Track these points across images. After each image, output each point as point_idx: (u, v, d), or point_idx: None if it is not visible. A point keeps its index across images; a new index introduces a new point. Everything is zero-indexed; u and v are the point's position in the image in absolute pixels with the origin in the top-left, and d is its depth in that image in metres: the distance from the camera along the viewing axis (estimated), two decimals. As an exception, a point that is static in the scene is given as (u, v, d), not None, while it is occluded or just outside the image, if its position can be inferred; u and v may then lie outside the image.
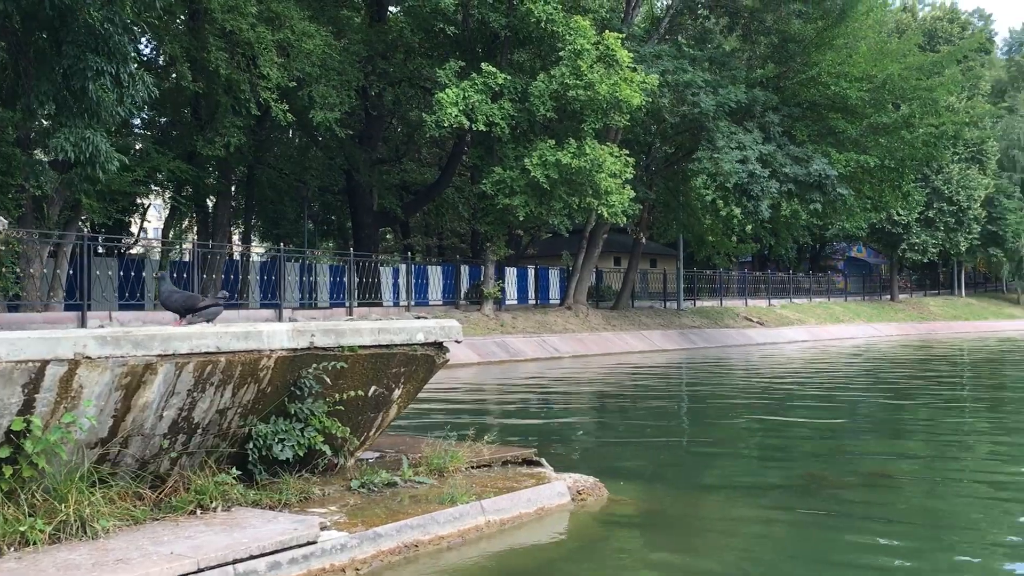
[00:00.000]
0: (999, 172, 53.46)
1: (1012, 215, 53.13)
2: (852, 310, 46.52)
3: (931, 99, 26.64)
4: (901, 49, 28.12)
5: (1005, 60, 66.19)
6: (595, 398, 14.71)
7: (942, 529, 5.46)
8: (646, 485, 6.56)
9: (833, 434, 9.86)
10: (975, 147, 48.51)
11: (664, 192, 32.77)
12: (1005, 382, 18.15)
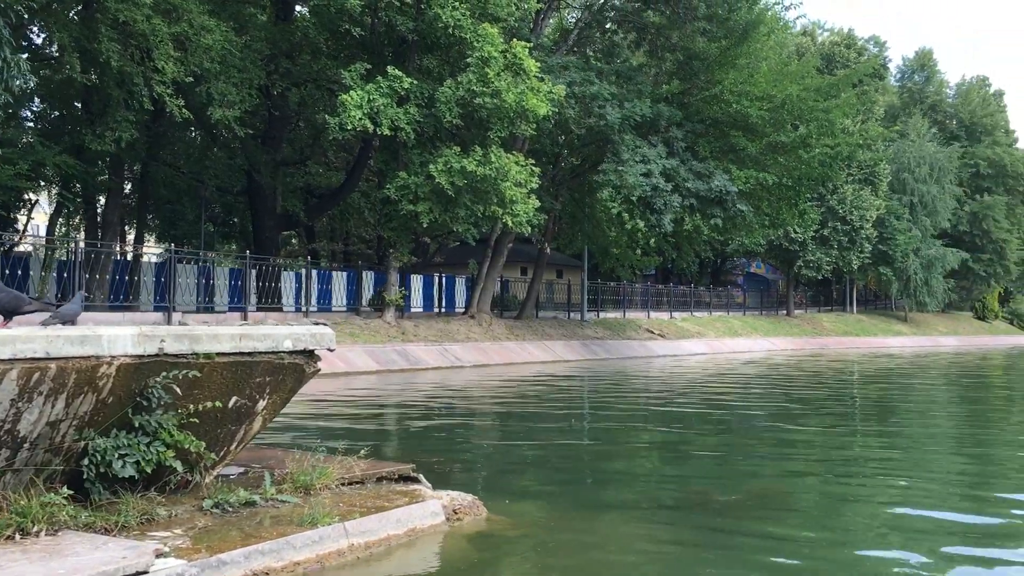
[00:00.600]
0: (890, 194, 55.57)
1: (901, 236, 55.29)
2: (750, 324, 47.63)
3: (827, 120, 27.43)
4: (800, 71, 28.91)
5: (898, 87, 69.05)
6: (489, 410, 14.45)
7: (834, 547, 5.38)
8: (530, 503, 6.31)
9: (727, 449, 9.83)
10: (868, 169, 50.35)
11: (570, 203, 32.89)
12: (892, 396, 18.66)
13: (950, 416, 14.76)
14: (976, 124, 68.92)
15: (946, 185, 60.96)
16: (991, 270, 67.24)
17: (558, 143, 30.36)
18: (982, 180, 68.31)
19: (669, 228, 27.36)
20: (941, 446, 10.76)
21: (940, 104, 68.96)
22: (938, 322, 65.52)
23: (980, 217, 65.87)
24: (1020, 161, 70.63)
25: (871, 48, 54.64)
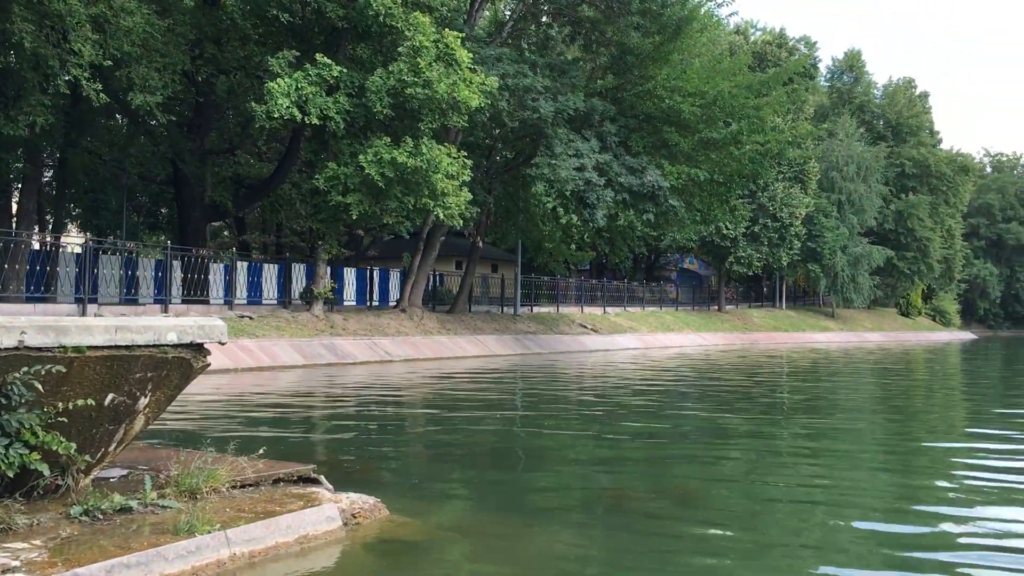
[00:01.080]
0: (819, 192, 56.63)
1: (829, 233, 56.40)
2: (682, 319, 48.06)
3: (758, 117, 27.70)
4: (732, 68, 29.12)
5: (828, 87, 70.43)
6: (411, 406, 14.11)
7: (757, 548, 5.24)
8: (441, 505, 6.03)
9: (653, 447, 9.70)
10: (798, 167, 51.21)
11: (504, 197, 32.66)
12: (819, 390, 18.86)
13: (874, 410, 14.92)
14: (902, 125, 70.69)
15: (873, 184, 62.38)
16: (915, 268, 69.06)
17: (492, 136, 30.09)
18: (907, 180, 70.09)
19: (602, 223, 27.33)
20: (864, 442, 10.80)
21: (868, 104, 70.54)
22: (864, 318, 67.06)
23: (905, 216, 67.58)
24: (943, 162, 72.66)
25: (802, 48, 55.53)
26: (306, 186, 30.48)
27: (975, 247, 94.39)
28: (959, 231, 78.61)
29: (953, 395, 18.78)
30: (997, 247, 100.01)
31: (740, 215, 32.75)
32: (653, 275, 64.59)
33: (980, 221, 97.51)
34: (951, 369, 29.11)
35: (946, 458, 9.30)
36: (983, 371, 28.41)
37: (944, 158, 73.60)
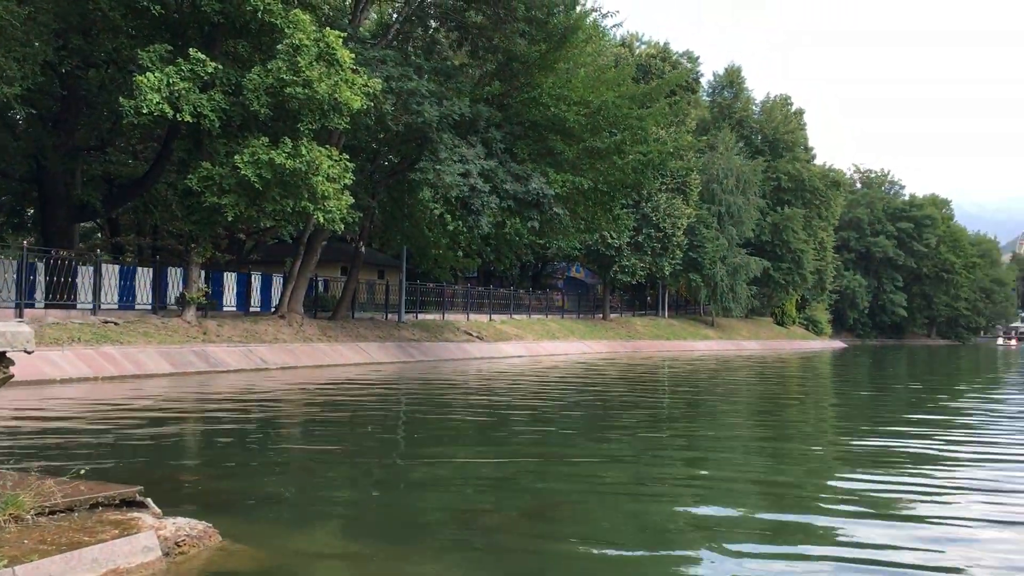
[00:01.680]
0: (700, 203, 58.11)
1: (710, 244, 57.94)
2: (567, 327, 48.42)
3: (641, 128, 28.08)
4: (616, 78, 29.46)
5: (709, 101, 72.47)
6: (277, 417, 13.49)
7: (628, 564, 5.06)
8: (281, 528, 5.58)
9: (524, 457, 9.50)
10: (680, 179, 52.41)
11: (389, 202, 32.14)
12: (696, 398, 19.12)
13: (749, 417, 15.17)
14: (779, 140, 73.35)
15: (751, 196, 64.44)
16: (790, 278, 71.64)
17: (376, 139, 29.54)
18: (783, 193, 72.73)
19: (487, 229, 27.19)
20: (737, 449, 10.89)
21: (747, 119, 72.95)
22: (742, 327, 69.17)
23: (781, 228, 70.07)
24: (817, 176, 75.73)
25: (685, 62, 56.98)
26: (181, 186, 29.29)
27: (845, 259, 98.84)
28: (831, 244, 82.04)
29: (823, 404, 19.34)
30: (866, 260, 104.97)
31: (624, 224, 33.12)
32: (540, 283, 64.96)
33: (850, 234, 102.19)
34: (823, 377, 30.15)
35: (826, 479, 9.41)
36: (852, 378, 29.54)
37: (817, 173, 76.72)
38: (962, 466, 9.32)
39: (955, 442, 11.53)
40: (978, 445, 11.22)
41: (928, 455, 10.12)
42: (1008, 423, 14.19)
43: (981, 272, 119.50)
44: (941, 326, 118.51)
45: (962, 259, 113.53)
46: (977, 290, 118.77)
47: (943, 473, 8.82)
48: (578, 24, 27.73)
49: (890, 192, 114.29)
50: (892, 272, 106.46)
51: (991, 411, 16.49)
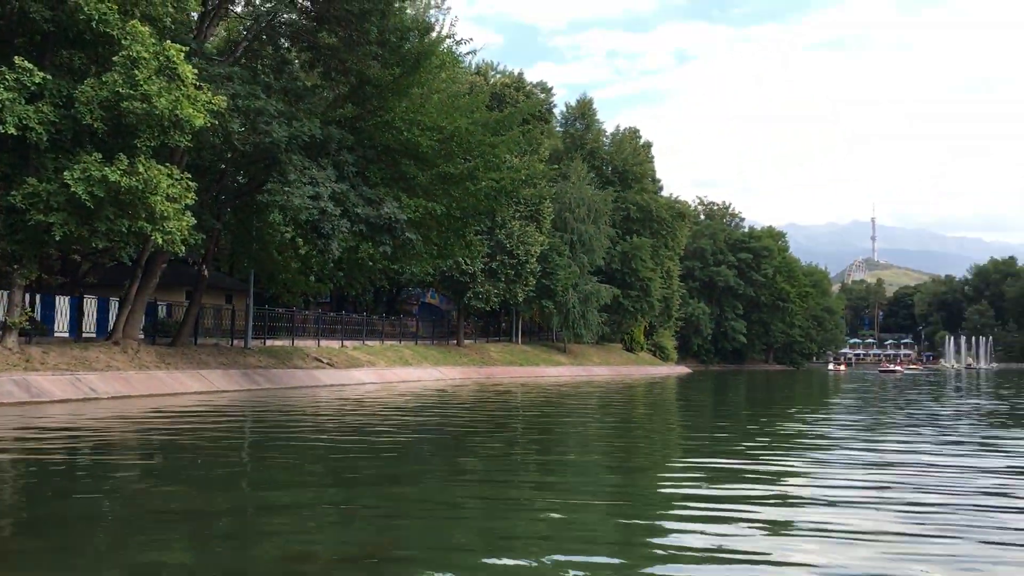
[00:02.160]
0: (553, 231, 59.22)
1: (562, 271, 59.04)
2: (421, 353, 48.06)
3: (494, 155, 28.30)
4: (470, 105, 29.62)
5: (562, 132, 74.22)
6: (82, 452, 12.43)
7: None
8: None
9: (361, 491, 9.17)
10: (534, 207, 53.26)
11: (236, 224, 31.07)
12: (549, 424, 19.20)
13: (600, 442, 15.31)
14: (628, 171, 75.86)
15: (602, 226, 66.20)
16: (638, 306, 73.86)
17: (223, 158, 28.54)
18: (632, 223, 75.12)
19: (337, 254, 26.64)
20: (591, 475, 10.91)
21: (598, 151, 75.11)
22: (593, 353, 70.66)
23: (630, 257, 72.26)
24: (664, 207, 78.65)
25: (539, 93, 58.19)
26: (3, 203, 27.33)
27: (690, 288, 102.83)
28: (677, 272, 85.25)
29: (670, 427, 19.80)
30: (709, 288, 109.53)
31: (477, 250, 33.24)
32: (395, 309, 64.41)
33: (695, 264, 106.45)
34: (668, 403, 31.01)
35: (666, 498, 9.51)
36: (695, 403, 30.52)
37: (664, 204, 79.71)
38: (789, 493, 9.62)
39: (783, 461, 11.97)
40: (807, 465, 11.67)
41: (756, 472, 10.45)
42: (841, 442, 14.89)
43: (813, 301, 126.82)
44: (778, 352, 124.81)
45: (796, 289, 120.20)
46: (810, 318, 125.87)
47: (766, 487, 9.08)
48: (432, 50, 27.76)
49: (731, 224, 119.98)
50: (733, 300, 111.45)
51: (825, 434, 17.29)
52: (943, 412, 23.82)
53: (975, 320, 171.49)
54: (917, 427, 18.48)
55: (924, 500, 8.61)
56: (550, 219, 56.89)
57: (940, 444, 14.59)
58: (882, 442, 15.21)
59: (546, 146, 61.03)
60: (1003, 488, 9.52)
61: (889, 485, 9.67)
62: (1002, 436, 16.35)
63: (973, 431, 17.50)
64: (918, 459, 12.30)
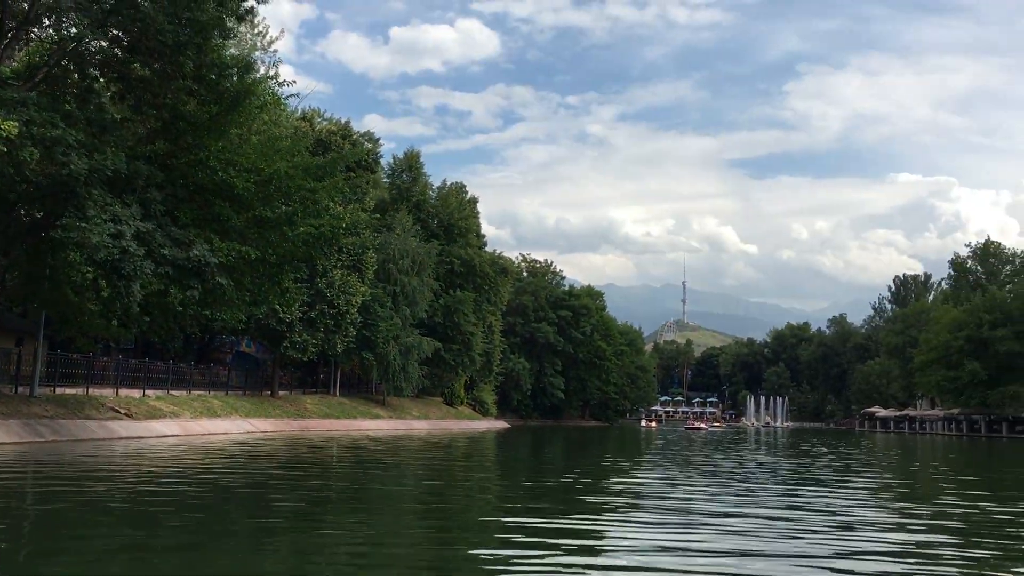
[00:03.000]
0: (376, 282, 58.45)
1: (383, 323, 58.25)
2: (231, 404, 45.80)
3: (314, 200, 27.50)
4: (291, 149, 28.74)
5: (388, 183, 73.92)
6: None
7: None
8: None
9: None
10: (356, 256, 52.37)
11: (26, 260, 28.55)
12: (361, 482, 18.48)
13: (413, 503, 14.81)
14: (453, 225, 76.31)
15: (425, 278, 66.05)
16: (460, 360, 73.82)
17: (14, 190, 26.23)
18: (456, 277, 75.43)
19: (139, 296, 24.90)
20: (403, 539, 10.41)
21: (424, 203, 75.19)
22: (412, 406, 69.84)
23: (452, 310, 72.33)
24: (487, 262, 79.56)
25: (365, 142, 57.68)
26: None
27: (512, 343, 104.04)
28: (499, 327, 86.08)
29: (488, 482, 19.56)
30: (530, 344, 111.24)
31: (293, 298, 32.11)
32: (208, 356, 61.33)
33: (517, 320, 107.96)
34: (487, 459, 30.84)
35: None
36: (511, 459, 30.51)
37: (488, 259, 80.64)
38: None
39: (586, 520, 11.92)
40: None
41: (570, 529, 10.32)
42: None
43: (628, 359, 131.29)
44: (594, 408, 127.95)
45: (612, 347, 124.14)
46: (624, 376, 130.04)
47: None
48: (252, 89, 26.82)
49: (553, 282, 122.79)
50: (553, 357, 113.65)
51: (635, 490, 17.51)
52: (741, 470, 24.85)
53: (773, 381, 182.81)
54: (716, 482, 19.09)
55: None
56: (373, 270, 56.10)
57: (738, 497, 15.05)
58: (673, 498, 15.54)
59: (372, 196, 60.52)
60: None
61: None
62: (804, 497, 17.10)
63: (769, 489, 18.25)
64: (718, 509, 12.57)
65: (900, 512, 14.52)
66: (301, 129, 48.31)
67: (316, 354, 53.48)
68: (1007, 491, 20.19)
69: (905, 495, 18.60)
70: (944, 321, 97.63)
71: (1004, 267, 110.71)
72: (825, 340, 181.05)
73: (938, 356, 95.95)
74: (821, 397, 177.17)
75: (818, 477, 22.41)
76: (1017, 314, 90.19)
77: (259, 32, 49.71)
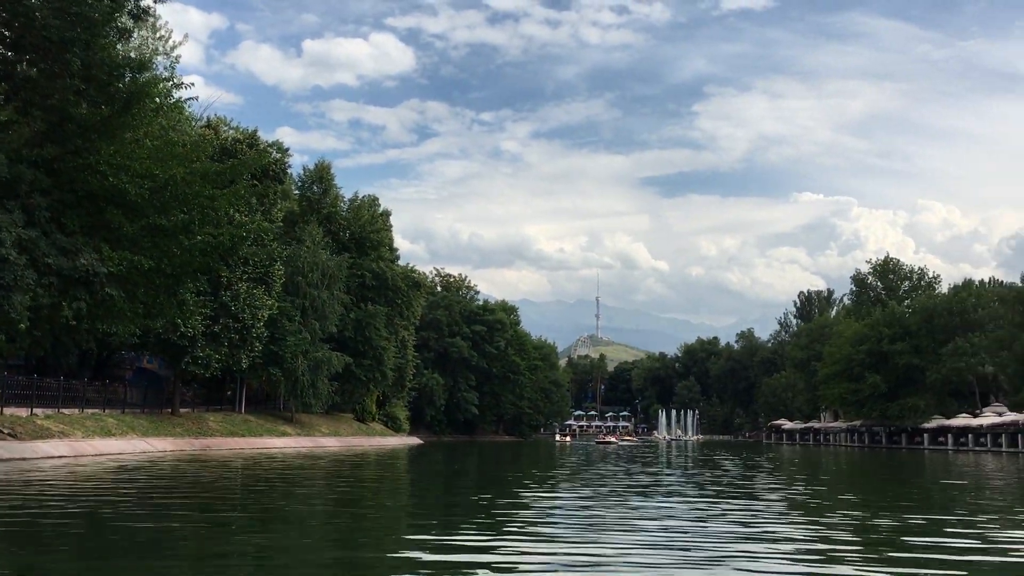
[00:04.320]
0: (284, 295, 56.83)
1: (292, 337, 56.65)
2: (128, 423, 43.73)
3: (212, 208, 26.21)
4: (189, 154, 27.36)
5: (298, 195, 72.17)
6: None
7: None
8: None
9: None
10: (263, 269, 50.75)
11: None
12: (264, 503, 17.50)
13: (323, 523, 14.00)
14: (365, 238, 74.94)
15: (336, 292, 64.62)
16: (371, 375, 72.43)
17: None
18: (367, 291, 74.06)
19: (21, 309, 23.30)
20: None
21: (335, 215, 73.60)
22: (322, 423, 68.14)
23: (364, 324, 70.93)
24: (399, 276, 78.39)
25: (274, 152, 56.02)
26: None
27: (425, 358, 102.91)
28: (412, 342, 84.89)
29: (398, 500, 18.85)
30: (444, 359, 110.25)
31: (191, 311, 30.67)
32: (106, 373, 58.73)
33: (431, 335, 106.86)
34: (400, 477, 29.99)
35: None
36: (425, 475, 29.72)
37: (400, 273, 79.49)
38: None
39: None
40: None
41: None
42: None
43: (542, 374, 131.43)
44: (508, 423, 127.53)
45: (526, 361, 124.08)
46: (538, 390, 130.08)
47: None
48: (146, 91, 25.46)
49: (467, 297, 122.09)
50: (467, 372, 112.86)
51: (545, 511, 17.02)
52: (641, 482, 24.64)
53: (684, 395, 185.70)
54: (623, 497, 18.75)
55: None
56: (281, 282, 54.47)
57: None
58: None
59: (280, 208, 58.94)
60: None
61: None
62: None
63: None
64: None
65: (795, 524, 14.35)
66: (205, 136, 46.64)
67: (220, 370, 51.57)
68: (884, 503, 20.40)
69: (801, 507, 18.57)
70: (846, 335, 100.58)
71: (903, 283, 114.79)
72: (734, 354, 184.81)
73: (841, 369, 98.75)
74: (730, 410, 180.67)
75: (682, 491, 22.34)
76: (915, 328, 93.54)
77: (161, 36, 47.82)
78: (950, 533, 13.21)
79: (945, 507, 18.91)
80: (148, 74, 25.99)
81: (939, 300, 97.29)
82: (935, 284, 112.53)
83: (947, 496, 22.92)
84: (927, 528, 13.97)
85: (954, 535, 12.99)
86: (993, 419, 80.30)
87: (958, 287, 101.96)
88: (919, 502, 20.50)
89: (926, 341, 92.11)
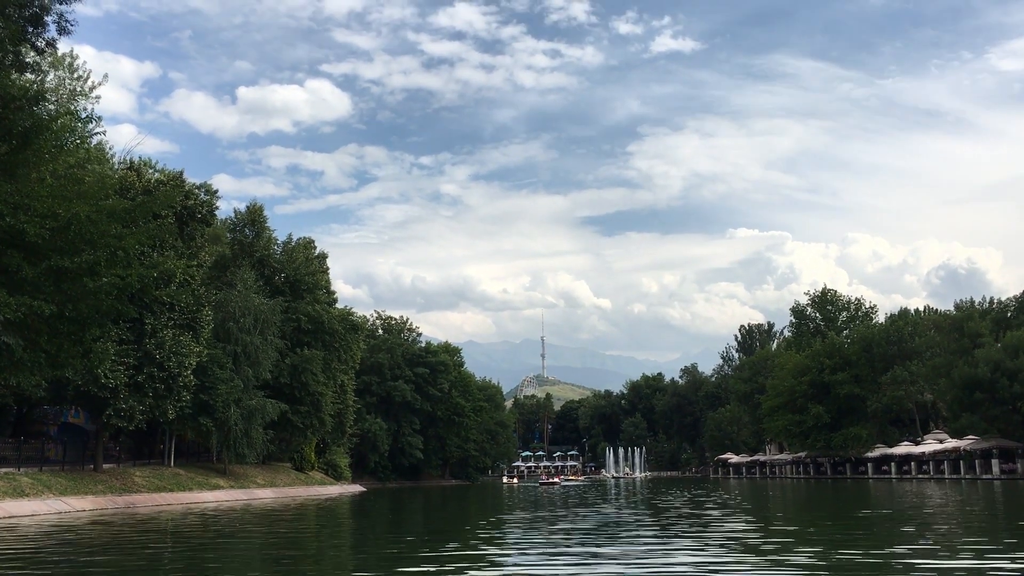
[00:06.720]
0: (215, 342, 54.66)
1: (223, 385, 54.39)
2: (44, 482, 41.15)
3: (121, 247, 24.55)
4: (95, 191, 25.69)
5: (231, 238, 70.05)
6: None
7: None
8: None
9: None
10: (191, 314, 48.66)
11: None
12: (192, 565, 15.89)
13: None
14: (300, 281, 72.91)
15: (270, 337, 62.49)
16: (309, 422, 70.11)
17: None
18: (303, 335, 71.90)
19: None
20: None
21: (268, 259, 71.49)
22: (257, 474, 65.56)
23: (300, 370, 68.73)
24: (336, 319, 76.40)
25: (202, 194, 54.07)
26: None
27: (367, 403, 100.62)
28: (352, 387, 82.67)
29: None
30: (387, 403, 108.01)
31: (100, 359, 28.74)
32: (28, 429, 55.83)
33: (372, 379, 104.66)
34: (340, 529, 28.37)
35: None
36: (364, 528, 28.17)
37: (337, 316, 77.49)
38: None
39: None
40: None
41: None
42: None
43: (488, 415, 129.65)
44: (454, 467, 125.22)
45: (471, 403, 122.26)
46: (484, 432, 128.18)
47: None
48: (47, 125, 23.85)
49: (409, 339, 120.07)
50: (411, 415, 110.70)
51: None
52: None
53: (631, 432, 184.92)
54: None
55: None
56: (210, 328, 52.27)
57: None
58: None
59: (210, 251, 56.98)
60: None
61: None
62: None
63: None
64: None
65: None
66: (128, 181, 44.74)
67: (145, 422, 49.09)
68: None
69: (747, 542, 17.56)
70: (788, 367, 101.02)
71: (840, 313, 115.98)
72: (679, 390, 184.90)
73: (784, 401, 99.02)
74: (677, 446, 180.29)
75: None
76: (855, 358, 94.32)
77: (79, 76, 46.09)
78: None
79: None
80: (49, 106, 24.38)
81: (877, 330, 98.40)
82: (872, 314, 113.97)
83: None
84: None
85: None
86: (935, 446, 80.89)
87: (895, 316, 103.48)
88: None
89: (866, 371, 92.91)
